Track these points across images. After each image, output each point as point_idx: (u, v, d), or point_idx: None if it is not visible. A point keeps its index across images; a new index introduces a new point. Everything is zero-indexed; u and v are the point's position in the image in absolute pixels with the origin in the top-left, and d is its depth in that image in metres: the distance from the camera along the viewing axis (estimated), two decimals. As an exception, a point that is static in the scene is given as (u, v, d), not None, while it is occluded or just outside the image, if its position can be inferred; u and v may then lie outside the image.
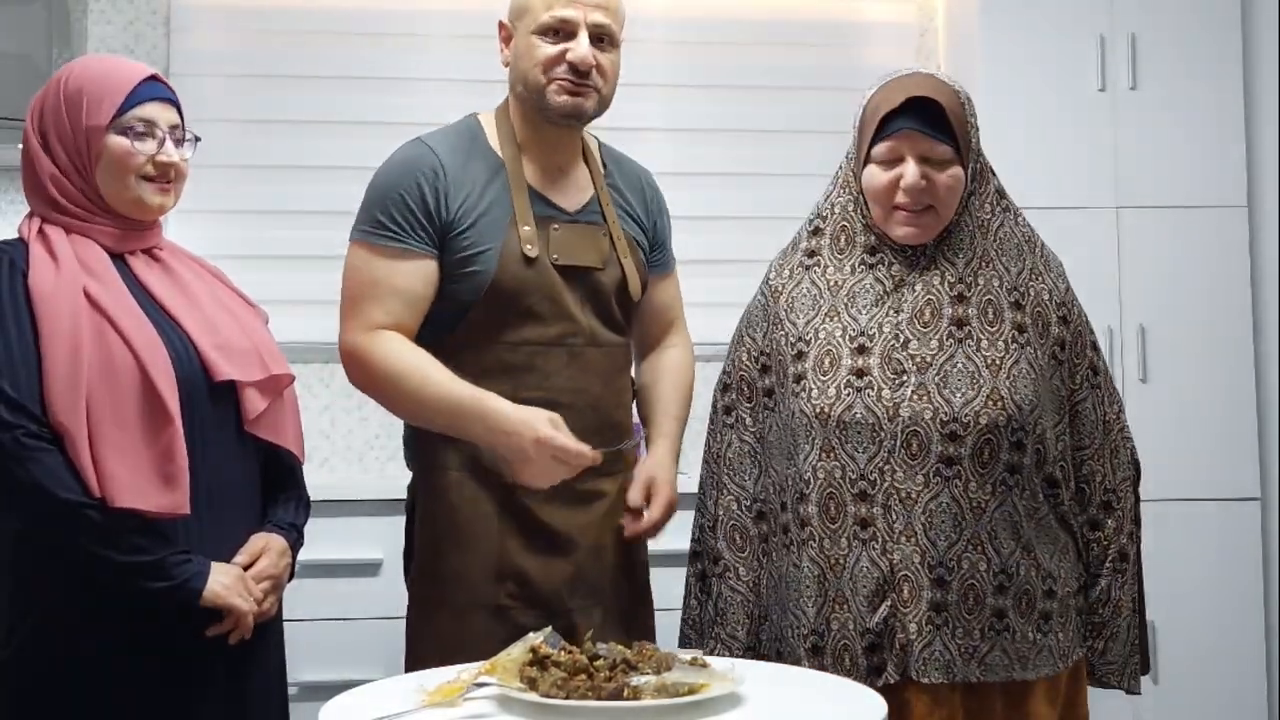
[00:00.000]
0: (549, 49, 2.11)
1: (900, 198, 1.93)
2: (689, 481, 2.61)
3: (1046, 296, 2.00)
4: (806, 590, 1.94)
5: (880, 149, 1.94)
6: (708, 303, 2.41)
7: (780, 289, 2.06)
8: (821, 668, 1.91)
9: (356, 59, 3.60)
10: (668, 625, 2.25)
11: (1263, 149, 3.58)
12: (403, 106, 3.51)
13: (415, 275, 2.11)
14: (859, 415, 1.91)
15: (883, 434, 1.90)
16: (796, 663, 1.95)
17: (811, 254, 2.06)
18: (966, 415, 1.89)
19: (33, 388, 1.78)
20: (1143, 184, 3.52)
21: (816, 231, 2.06)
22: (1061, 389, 2.00)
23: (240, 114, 3.54)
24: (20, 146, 2.97)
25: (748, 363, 2.09)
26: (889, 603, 1.89)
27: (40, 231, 1.89)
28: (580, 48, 2.10)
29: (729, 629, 2.05)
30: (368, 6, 3.63)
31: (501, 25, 2.21)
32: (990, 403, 1.90)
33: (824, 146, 3.79)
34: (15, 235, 1.94)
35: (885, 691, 1.85)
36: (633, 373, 2.33)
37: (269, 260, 3.46)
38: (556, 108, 2.13)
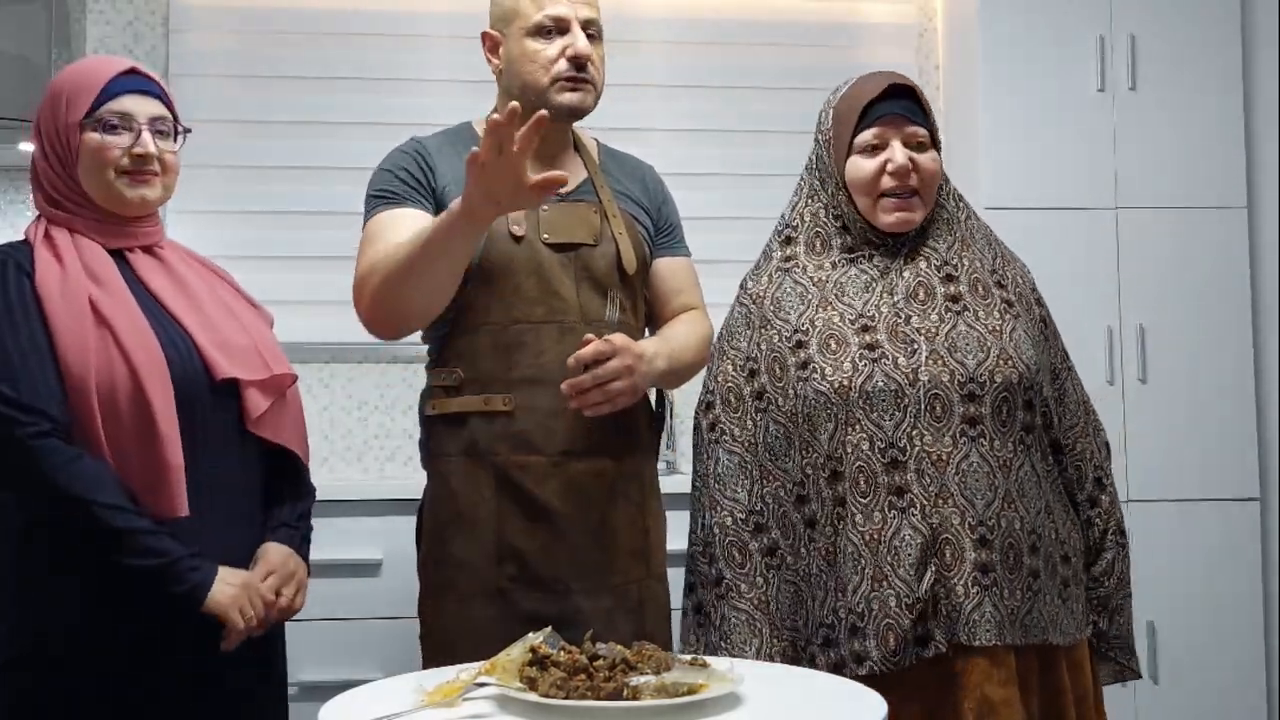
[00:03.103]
0: (548, 49, 2.15)
1: (887, 181, 1.99)
2: (686, 481, 2.60)
3: (1021, 281, 2.08)
4: (846, 570, 1.90)
5: (865, 136, 2.00)
6: (708, 303, 2.40)
7: (761, 294, 2.07)
8: (862, 652, 1.87)
9: (356, 60, 3.61)
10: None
11: (1263, 149, 3.58)
12: (402, 107, 3.52)
13: (407, 216, 2.12)
14: (880, 383, 1.92)
15: (906, 399, 1.91)
16: (821, 658, 1.92)
17: (787, 259, 2.08)
18: (982, 375, 1.92)
19: (49, 385, 1.79)
20: (1142, 184, 3.52)
21: (788, 241, 2.10)
22: (1049, 362, 2.06)
23: (239, 114, 3.54)
24: (19, 147, 2.98)
25: (732, 373, 2.06)
26: (933, 568, 1.88)
27: (46, 235, 1.90)
28: (580, 42, 2.15)
29: (735, 651, 1.95)
30: (368, 7, 3.63)
31: (486, 35, 2.24)
32: (1002, 362, 1.94)
33: (824, 147, 3.81)
34: (20, 237, 1.94)
35: (932, 664, 1.85)
36: None
37: (268, 260, 3.46)
38: (563, 105, 2.16)
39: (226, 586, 1.83)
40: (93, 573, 1.81)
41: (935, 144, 2.04)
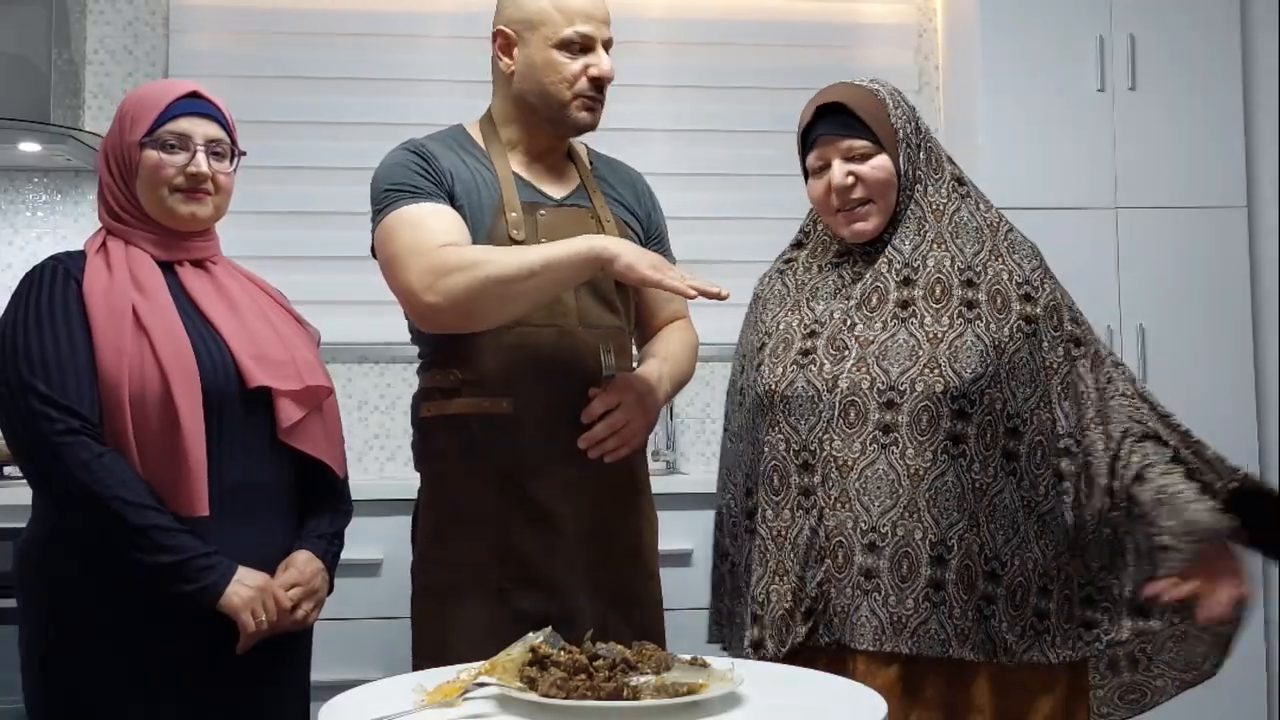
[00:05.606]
0: (573, 65, 2.16)
1: (834, 200, 2.03)
2: (686, 481, 2.60)
3: (1006, 276, 1.99)
4: (754, 562, 1.98)
5: (809, 160, 2.07)
6: (706, 303, 2.40)
7: (759, 294, 2.17)
8: (760, 638, 1.95)
9: (356, 60, 3.61)
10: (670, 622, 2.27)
11: (1262, 149, 3.58)
12: (402, 107, 3.52)
13: (446, 212, 2.11)
14: (800, 389, 1.97)
15: (822, 405, 1.95)
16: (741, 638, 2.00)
17: (789, 260, 2.16)
18: (903, 383, 1.92)
19: (83, 385, 1.84)
20: (1142, 184, 3.53)
21: (798, 245, 2.17)
22: (1034, 362, 1.97)
23: (239, 114, 3.50)
24: (19, 146, 2.99)
25: (736, 366, 2.17)
26: (824, 568, 1.92)
27: (103, 245, 1.98)
28: (604, 63, 2.18)
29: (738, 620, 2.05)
30: (368, 7, 3.63)
31: (501, 33, 2.22)
32: (928, 370, 1.92)
33: (824, 147, 3.81)
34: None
35: (830, 657, 1.90)
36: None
37: (266, 260, 3.40)
38: (578, 123, 2.19)
39: (242, 588, 1.87)
40: (119, 569, 1.84)
41: (886, 147, 2.00)
